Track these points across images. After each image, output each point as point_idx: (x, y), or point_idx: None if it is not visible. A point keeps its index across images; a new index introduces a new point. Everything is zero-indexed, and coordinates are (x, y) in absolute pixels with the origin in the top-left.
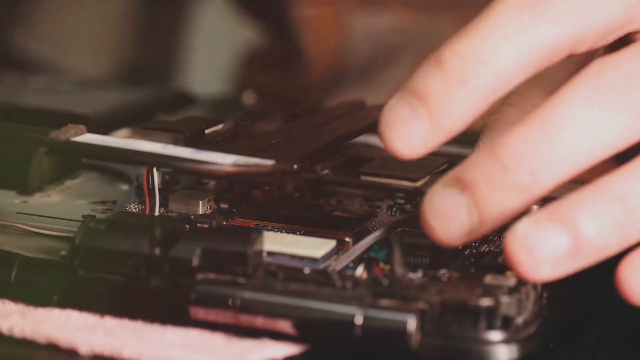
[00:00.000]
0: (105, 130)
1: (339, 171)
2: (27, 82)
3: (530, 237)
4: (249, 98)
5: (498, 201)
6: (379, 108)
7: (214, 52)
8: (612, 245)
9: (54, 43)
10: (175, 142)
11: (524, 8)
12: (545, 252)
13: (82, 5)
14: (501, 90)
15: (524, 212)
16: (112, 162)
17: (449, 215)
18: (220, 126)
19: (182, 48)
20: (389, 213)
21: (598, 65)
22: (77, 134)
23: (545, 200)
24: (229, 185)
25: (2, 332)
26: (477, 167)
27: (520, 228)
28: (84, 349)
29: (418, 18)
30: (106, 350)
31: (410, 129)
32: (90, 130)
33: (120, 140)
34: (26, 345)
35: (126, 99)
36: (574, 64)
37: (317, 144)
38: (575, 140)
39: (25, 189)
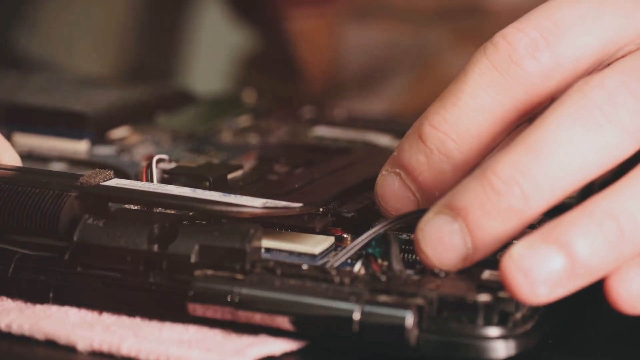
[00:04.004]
0: (105, 128)
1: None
2: (28, 80)
3: (526, 260)
4: (249, 97)
5: (492, 226)
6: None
7: (214, 51)
8: (607, 264)
9: (55, 43)
10: (174, 141)
11: (495, 73)
12: (542, 274)
13: (83, 5)
14: (485, 153)
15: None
16: (142, 205)
17: (443, 243)
18: (240, 172)
19: (183, 47)
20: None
21: (581, 85)
22: (105, 179)
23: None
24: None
25: (1, 328)
26: (469, 193)
27: (516, 251)
28: (82, 345)
29: (410, 30)
30: (104, 347)
31: (403, 201)
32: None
33: (148, 184)
34: (24, 342)
35: (126, 97)
36: None
37: (340, 188)
38: (564, 161)
39: (56, 234)
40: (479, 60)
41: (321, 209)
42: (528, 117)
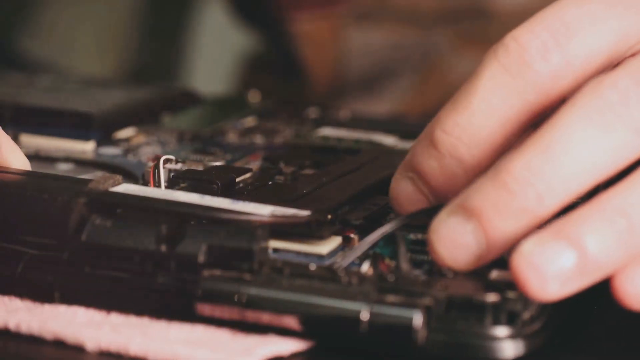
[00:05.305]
0: (110, 129)
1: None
2: (33, 81)
3: (536, 256)
4: (254, 98)
5: (505, 226)
6: (400, 154)
7: (217, 53)
8: (617, 260)
9: (59, 45)
10: (180, 141)
11: (506, 76)
12: (553, 269)
13: (87, 8)
14: (497, 156)
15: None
16: (151, 213)
17: (457, 243)
18: (248, 174)
19: (187, 49)
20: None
21: (594, 85)
22: (114, 184)
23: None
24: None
25: (9, 328)
26: (483, 193)
27: (526, 247)
28: (90, 345)
29: (414, 32)
30: (112, 347)
31: (417, 204)
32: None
33: (157, 190)
34: (33, 342)
35: (131, 98)
36: None
37: (348, 194)
38: (577, 162)
39: (65, 236)
40: (489, 62)
41: (329, 216)
42: (540, 118)
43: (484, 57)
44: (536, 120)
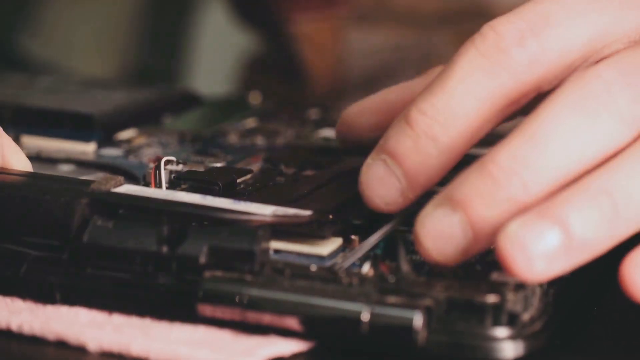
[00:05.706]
0: (111, 130)
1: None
2: (34, 82)
3: (522, 236)
4: (254, 99)
5: (492, 216)
6: None
7: (218, 54)
8: (602, 240)
9: (60, 46)
10: (181, 142)
11: (483, 60)
12: (539, 249)
13: (87, 8)
14: (472, 141)
15: None
16: (153, 214)
17: (444, 236)
18: (249, 175)
19: (187, 50)
20: None
21: (578, 76)
22: (116, 185)
23: None
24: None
25: (12, 329)
26: (468, 184)
27: (511, 227)
28: (92, 345)
29: (414, 33)
30: (114, 347)
31: (388, 188)
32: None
33: (159, 191)
34: (35, 342)
35: (132, 99)
36: None
37: (348, 194)
38: (562, 150)
39: (67, 237)
40: (467, 49)
41: (330, 216)
42: (515, 106)
43: (462, 46)
44: (512, 108)
